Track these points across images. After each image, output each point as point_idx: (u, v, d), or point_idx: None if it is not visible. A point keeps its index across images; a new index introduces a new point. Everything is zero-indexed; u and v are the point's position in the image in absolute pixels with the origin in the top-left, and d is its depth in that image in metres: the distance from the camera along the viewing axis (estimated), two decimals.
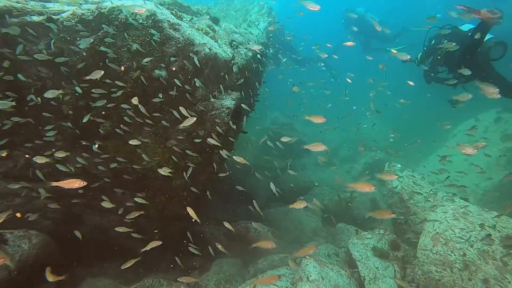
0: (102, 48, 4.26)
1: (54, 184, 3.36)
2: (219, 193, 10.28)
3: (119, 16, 4.28)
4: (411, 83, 7.68)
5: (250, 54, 6.15)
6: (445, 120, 12.57)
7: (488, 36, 6.13)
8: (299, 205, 4.91)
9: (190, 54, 4.50)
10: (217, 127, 4.95)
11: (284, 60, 12.92)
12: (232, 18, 11.96)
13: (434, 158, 12.36)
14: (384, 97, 10.48)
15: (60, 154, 4.44)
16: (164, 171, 4.31)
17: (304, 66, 16.07)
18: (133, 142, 4.69)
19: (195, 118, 4.21)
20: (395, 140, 16.45)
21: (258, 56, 7.81)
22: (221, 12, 12.76)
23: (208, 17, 6.30)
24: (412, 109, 12.53)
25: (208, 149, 5.14)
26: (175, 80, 4.55)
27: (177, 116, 4.78)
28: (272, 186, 5.52)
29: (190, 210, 4.07)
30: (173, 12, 5.16)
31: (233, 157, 5.42)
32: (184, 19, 5.39)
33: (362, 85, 11.02)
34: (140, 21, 4.29)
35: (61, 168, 4.68)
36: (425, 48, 7.29)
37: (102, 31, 4.30)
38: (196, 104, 4.83)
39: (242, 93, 5.67)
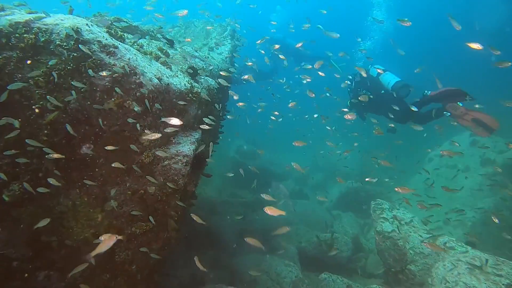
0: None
1: None
2: (183, 235, 8.89)
3: (26, 35, 2.99)
4: None
5: (212, 82, 5.02)
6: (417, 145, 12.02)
7: (396, 79, 7.37)
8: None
9: (132, 86, 3.27)
10: (171, 183, 3.70)
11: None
12: (191, 42, 10.91)
13: (413, 185, 11.70)
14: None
15: None
16: None
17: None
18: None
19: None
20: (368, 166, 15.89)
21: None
22: (179, 36, 11.70)
23: (161, 37, 5.14)
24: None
25: (160, 210, 3.86)
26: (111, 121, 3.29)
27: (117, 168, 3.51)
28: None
29: None
30: (112, 30, 3.94)
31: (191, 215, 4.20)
32: (127, 40, 4.18)
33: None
34: (57, 42, 3.03)
35: None
36: (350, 95, 8.37)
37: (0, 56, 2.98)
38: (142, 153, 3.57)
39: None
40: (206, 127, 4.09)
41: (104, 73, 3.04)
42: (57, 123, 3.22)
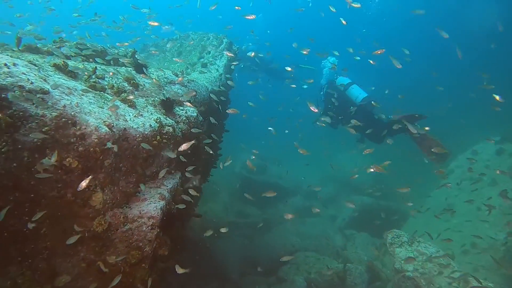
0: None
1: None
2: (184, 264, 8.18)
3: None
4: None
5: (194, 114, 4.28)
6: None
7: (363, 94, 7.75)
8: None
9: (71, 140, 2.54)
10: (135, 251, 2.95)
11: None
12: (186, 55, 10.30)
13: (431, 202, 10.71)
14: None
15: None
16: None
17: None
18: None
19: None
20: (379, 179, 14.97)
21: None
22: (175, 50, 11.09)
23: (132, 62, 4.43)
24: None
25: (125, 283, 3.11)
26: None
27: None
28: None
29: None
30: (60, 63, 3.23)
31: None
32: (81, 73, 3.46)
33: None
34: None
35: None
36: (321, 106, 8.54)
37: None
38: (94, 218, 2.83)
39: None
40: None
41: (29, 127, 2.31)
42: None
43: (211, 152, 4.54)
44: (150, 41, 10.75)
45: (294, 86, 9.27)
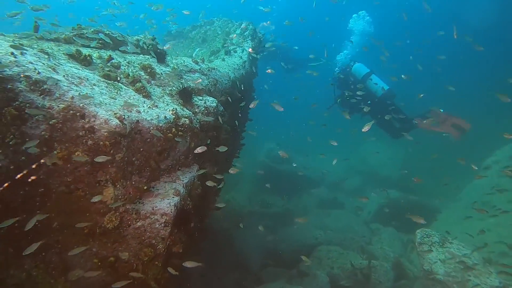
0: None
1: None
2: (205, 254, 8.18)
3: None
4: None
5: (213, 104, 4.09)
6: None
7: (385, 86, 7.56)
8: None
9: (80, 133, 2.41)
10: (148, 249, 2.83)
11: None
12: (210, 43, 10.14)
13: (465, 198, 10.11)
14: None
15: None
16: None
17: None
18: None
19: None
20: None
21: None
22: (199, 37, 10.94)
23: (151, 49, 4.27)
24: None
25: (137, 280, 3.01)
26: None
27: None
28: None
29: None
30: (74, 51, 3.11)
31: None
32: (97, 61, 3.33)
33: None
34: None
35: None
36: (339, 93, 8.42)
37: None
38: (104, 214, 2.72)
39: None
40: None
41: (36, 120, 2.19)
42: None
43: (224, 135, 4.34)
44: (174, 28, 10.63)
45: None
